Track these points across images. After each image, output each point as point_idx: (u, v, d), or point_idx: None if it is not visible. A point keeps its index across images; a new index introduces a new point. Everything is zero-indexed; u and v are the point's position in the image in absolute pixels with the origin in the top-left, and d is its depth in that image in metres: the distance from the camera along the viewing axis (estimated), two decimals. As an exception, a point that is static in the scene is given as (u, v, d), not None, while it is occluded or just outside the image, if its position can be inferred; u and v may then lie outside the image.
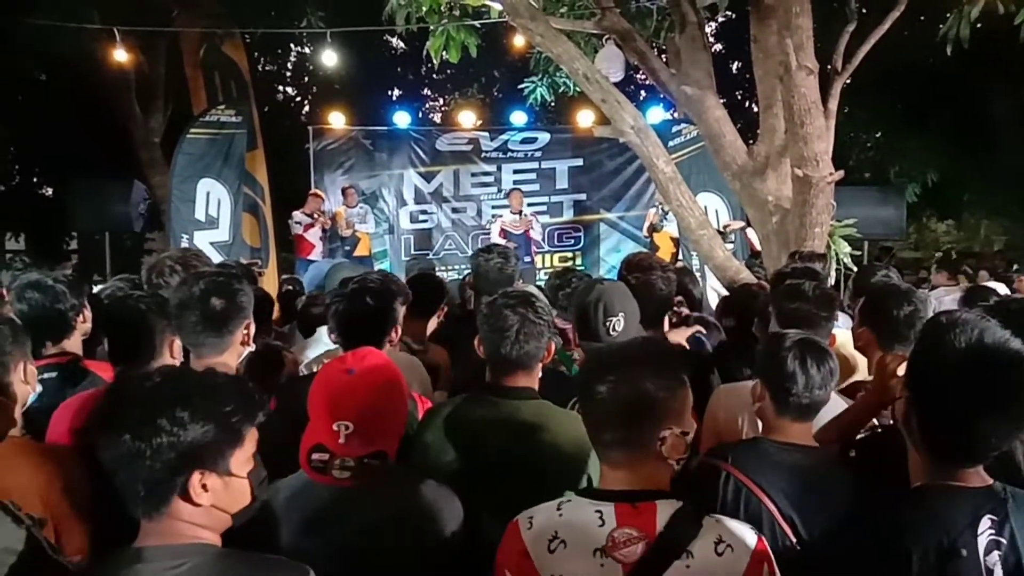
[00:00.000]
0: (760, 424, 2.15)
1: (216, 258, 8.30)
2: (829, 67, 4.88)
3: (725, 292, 4.78)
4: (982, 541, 1.43)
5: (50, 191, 13.98)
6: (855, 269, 5.29)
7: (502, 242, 10.12)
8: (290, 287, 6.08)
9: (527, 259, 10.23)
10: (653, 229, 10.03)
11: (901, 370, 1.77)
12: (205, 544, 1.45)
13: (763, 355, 2.11)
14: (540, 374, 2.26)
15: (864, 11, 5.63)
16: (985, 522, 1.45)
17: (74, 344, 2.61)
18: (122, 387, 1.44)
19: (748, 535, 1.54)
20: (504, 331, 2.16)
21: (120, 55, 9.60)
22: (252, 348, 2.41)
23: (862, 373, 2.74)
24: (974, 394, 1.46)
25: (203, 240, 9.44)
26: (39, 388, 2.02)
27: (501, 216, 10.67)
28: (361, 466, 1.72)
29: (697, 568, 1.47)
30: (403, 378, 1.87)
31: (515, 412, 2.15)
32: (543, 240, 11.55)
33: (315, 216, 10.35)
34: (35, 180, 14.11)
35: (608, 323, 2.49)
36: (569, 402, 2.42)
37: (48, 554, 1.62)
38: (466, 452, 2.11)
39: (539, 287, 3.53)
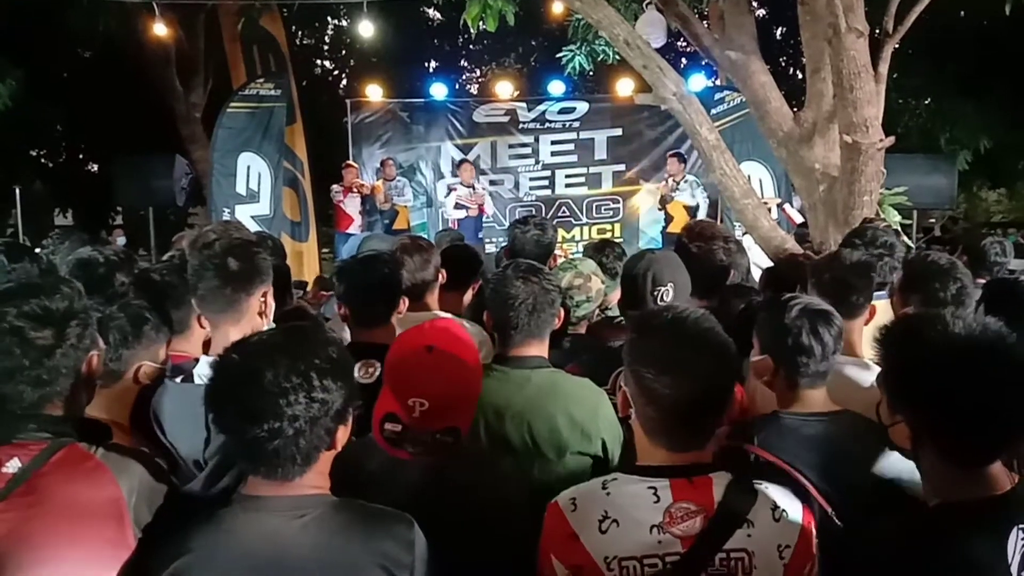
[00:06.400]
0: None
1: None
2: (879, 30, 4.70)
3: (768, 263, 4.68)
4: (1015, 560, 1.35)
5: (96, 168, 14.24)
6: (904, 238, 5.15)
7: (460, 215, 10.10)
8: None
9: (479, 235, 10.12)
10: (664, 202, 9.93)
11: None
12: (325, 495, 1.49)
13: (769, 329, 2.00)
14: (549, 342, 2.24)
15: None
16: (1015, 536, 1.37)
17: None
18: (248, 357, 1.43)
19: (795, 500, 1.58)
20: (514, 301, 2.14)
21: (160, 30, 9.68)
22: (271, 325, 2.24)
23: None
24: (979, 379, 1.37)
25: (244, 214, 9.55)
26: None
27: (456, 190, 10.49)
28: (434, 442, 1.70)
29: (758, 535, 1.48)
30: (479, 355, 1.84)
31: (527, 382, 2.13)
32: (576, 213, 11.41)
33: (354, 187, 10.39)
34: (81, 157, 14.38)
35: (656, 292, 2.44)
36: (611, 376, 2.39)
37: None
38: (482, 425, 2.08)
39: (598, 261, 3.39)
